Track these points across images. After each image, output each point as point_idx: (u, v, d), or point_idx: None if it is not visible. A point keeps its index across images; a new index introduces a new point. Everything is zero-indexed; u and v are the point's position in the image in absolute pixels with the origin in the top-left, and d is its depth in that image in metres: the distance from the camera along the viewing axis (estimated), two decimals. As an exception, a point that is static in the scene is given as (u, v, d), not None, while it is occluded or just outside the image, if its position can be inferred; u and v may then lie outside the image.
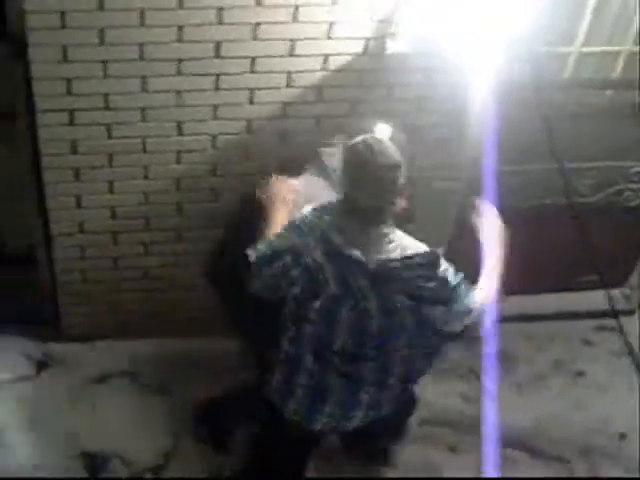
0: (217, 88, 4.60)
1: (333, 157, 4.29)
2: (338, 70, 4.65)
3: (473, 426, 5.45)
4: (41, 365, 5.42)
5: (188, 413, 5.22)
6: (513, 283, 5.74)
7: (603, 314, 5.33)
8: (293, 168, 4.44)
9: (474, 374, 5.66)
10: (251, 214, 4.34)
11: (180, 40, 4.41)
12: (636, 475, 5.34)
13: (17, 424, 5.14)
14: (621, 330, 3.98)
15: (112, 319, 5.47)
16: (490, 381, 5.59)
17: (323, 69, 4.64)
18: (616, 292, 5.84)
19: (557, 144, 4.21)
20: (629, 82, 5.11)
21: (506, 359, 5.74)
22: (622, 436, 5.48)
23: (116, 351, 5.48)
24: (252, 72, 4.58)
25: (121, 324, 5.49)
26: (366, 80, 4.72)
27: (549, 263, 5.69)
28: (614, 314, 4.19)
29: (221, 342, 5.52)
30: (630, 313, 5.89)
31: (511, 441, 5.43)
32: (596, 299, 4.51)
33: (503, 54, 4.34)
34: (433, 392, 5.53)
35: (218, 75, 4.56)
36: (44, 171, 4.78)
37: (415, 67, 4.69)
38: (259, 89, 4.65)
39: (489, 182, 5.31)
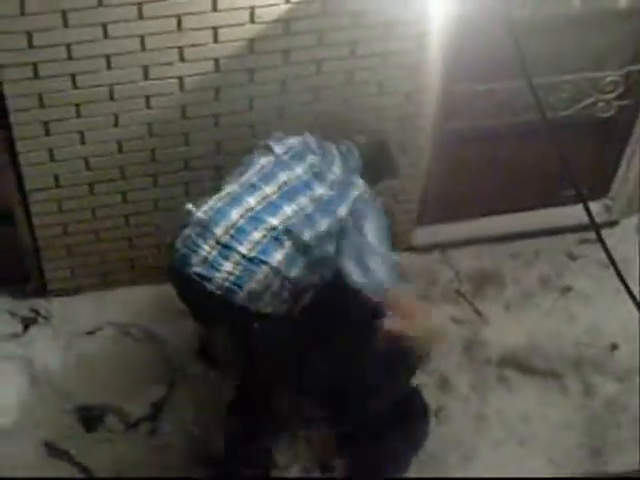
0: (180, 29, 4.53)
1: None
2: (301, 1, 4.59)
3: (465, 348, 5.49)
4: (28, 322, 5.38)
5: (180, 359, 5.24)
6: (495, 203, 5.78)
7: (585, 227, 5.32)
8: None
9: (462, 296, 5.68)
10: None
11: (138, -17, 4.35)
12: (627, 384, 5.38)
13: (9, 383, 5.13)
14: (602, 242, 3.96)
15: (96, 270, 5.44)
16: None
17: (287, 1, 4.58)
18: (596, 204, 5.84)
19: (529, 59, 4.15)
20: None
21: (493, 279, 5.76)
22: (613, 347, 5.50)
23: (103, 302, 5.45)
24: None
25: (106, 274, 5.47)
26: (330, 8, 4.66)
27: (529, 180, 5.68)
28: (595, 226, 4.17)
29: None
30: (612, 224, 5.90)
31: (503, 360, 5.46)
32: (578, 213, 4.49)
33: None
34: (423, 317, 5.54)
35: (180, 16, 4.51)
36: (14, 127, 4.73)
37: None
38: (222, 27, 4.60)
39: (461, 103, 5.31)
